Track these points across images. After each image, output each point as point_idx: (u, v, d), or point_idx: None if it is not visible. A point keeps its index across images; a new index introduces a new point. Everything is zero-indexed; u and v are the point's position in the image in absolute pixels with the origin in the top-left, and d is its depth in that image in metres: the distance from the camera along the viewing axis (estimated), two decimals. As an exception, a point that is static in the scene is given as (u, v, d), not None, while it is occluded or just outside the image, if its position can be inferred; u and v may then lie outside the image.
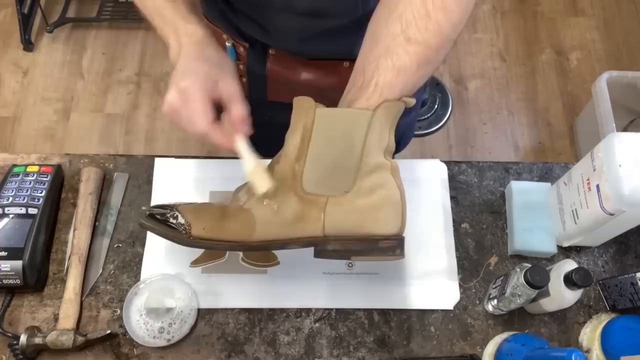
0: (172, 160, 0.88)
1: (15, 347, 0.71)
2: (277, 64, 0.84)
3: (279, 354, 0.75)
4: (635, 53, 2.15)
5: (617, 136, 0.69)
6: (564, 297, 0.69)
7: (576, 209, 0.76)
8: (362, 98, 0.58)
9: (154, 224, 0.67)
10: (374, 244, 0.60)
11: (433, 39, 0.56)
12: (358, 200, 0.59)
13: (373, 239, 0.60)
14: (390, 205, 0.60)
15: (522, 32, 2.20)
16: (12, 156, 0.87)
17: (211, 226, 0.64)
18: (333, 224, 0.60)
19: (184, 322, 0.75)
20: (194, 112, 0.59)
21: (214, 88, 0.61)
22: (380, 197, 0.59)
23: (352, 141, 0.58)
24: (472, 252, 0.83)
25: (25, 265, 0.74)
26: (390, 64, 0.57)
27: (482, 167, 0.89)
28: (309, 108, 0.59)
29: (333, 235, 0.61)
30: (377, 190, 0.59)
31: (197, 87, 0.59)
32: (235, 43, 0.84)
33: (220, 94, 0.61)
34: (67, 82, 2.04)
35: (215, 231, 0.64)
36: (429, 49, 0.57)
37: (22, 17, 2.01)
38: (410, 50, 0.56)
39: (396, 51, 0.56)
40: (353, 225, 0.60)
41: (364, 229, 0.60)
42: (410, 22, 0.56)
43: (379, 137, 0.58)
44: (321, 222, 0.60)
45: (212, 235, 0.64)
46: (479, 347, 0.76)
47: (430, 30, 0.56)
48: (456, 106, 2.04)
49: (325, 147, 0.59)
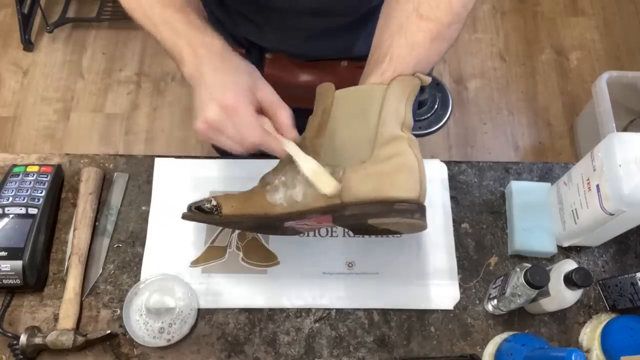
0: (172, 160, 0.88)
1: (15, 347, 0.71)
2: (274, 67, 0.84)
3: (279, 354, 0.75)
4: (635, 53, 2.15)
5: (617, 136, 0.69)
6: (564, 297, 0.69)
7: (576, 209, 0.76)
8: (376, 72, 0.59)
9: (193, 213, 0.70)
10: (389, 206, 0.59)
11: (444, 16, 0.58)
12: (375, 167, 0.59)
13: (389, 201, 0.59)
14: (407, 171, 0.60)
15: (522, 32, 2.20)
16: (12, 156, 0.87)
17: (238, 204, 0.68)
18: (350, 190, 0.60)
19: (184, 322, 0.75)
20: (245, 125, 0.57)
21: (253, 97, 0.60)
22: (396, 163, 0.59)
23: (368, 114, 0.59)
24: (472, 252, 0.83)
25: (25, 265, 0.74)
26: (403, 41, 0.58)
27: (482, 167, 0.89)
28: (328, 90, 0.61)
29: (350, 202, 0.61)
30: (393, 157, 0.59)
31: (244, 102, 0.58)
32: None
33: (260, 102, 0.61)
34: (67, 82, 2.04)
35: (241, 207, 0.67)
36: (441, 25, 0.58)
37: (22, 17, 2.01)
38: (422, 27, 0.58)
39: (409, 28, 0.58)
40: (370, 189, 0.59)
41: (382, 192, 0.59)
42: (422, 0, 0.58)
43: (394, 110, 0.59)
44: (339, 192, 0.61)
45: (239, 211, 0.67)
46: (479, 347, 0.76)
47: (441, 8, 0.58)
48: (456, 106, 2.04)
49: (342, 122, 0.61)
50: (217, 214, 0.68)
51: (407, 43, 0.58)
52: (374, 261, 0.81)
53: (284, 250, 0.81)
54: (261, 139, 0.58)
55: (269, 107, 0.61)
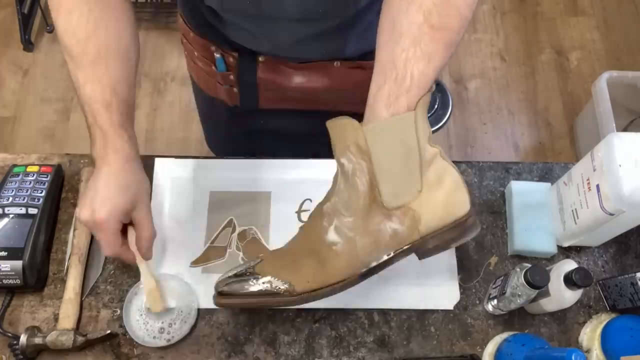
0: (172, 160, 0.88)
1: (15, 347, 0.71)
2: (267, 71, 0.84)
3: (279, 354, 0.75)
4: (635, 53, 2.15)
5: (617, 136, 0.69)
6: (564, 297, 0.69)
7: (576, 209, 0.76)
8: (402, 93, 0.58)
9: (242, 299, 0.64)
10: (463, 226, 0.65)
11: (454, 22, 0.58)
12: (436, 195, 0.62)
13: (461, 221, 0.64)
14: (459, 186, 0.64)
15: (522, 32, 2.20)
16: (12, 156, 0.87)
17: (314, 277, 0.63)
18: (425, 224, 0.63)
19: (184, 322, 0.75)
20: (106, 240, 0.67)
21: (126, 216, 0.68)
22: (450, 183, 0.63)
23: (409, 146, 0.59)
24: (472, 252, 0.83)
25: (25, 265, 0.74)
26: (419, 53, 0.57)
27: (482, 167, 0.89)
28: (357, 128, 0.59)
29: (430, 234, 0.64)
30: (443, 178, 0.63)
31: (111, 223, 0.66)
32: (224, 53, 0.83)
33: (133, 219, 0.69)
34: (67, 82, 2.02)
35: (320, 279, 0.63)
36: (452, 32, 0.58)
37: (22, 17, 2.01)
38: (436, 37, 0.57)
39: (423, 39, 0.57)
40: (442, 217, 0.63)
41: (451, 216, 0.64)
42: (432, 10, 0.57)
43: (423, 130, 0.60)
44: (415, 228, 0.63)
45: (318, 284, 0.63)
46: (479, 347, 0.76)
47: (451, 14, 0.57)
48: (456, 106, 2.04)
49: (388, 161, 0.60)
50: (287, 294, 0.63)
51: (424, 55, 0.57)
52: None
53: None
54: (117, 254, 0.69)
55: (138, 225, 0.70)
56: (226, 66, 0.85)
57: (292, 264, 0.64)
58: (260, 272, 0.64)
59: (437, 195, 0.63)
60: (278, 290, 0.63)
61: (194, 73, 0.96)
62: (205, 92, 0.96)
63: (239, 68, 0.84)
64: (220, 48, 0.83)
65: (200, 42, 0.84)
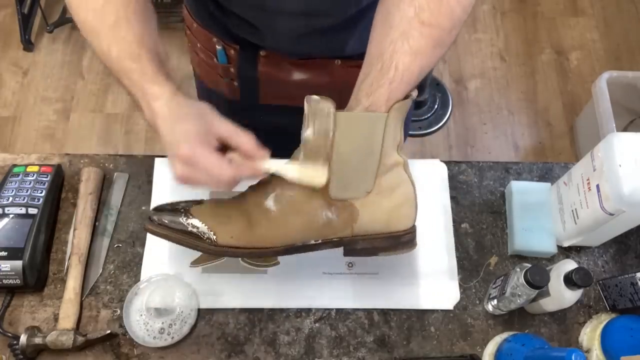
0: (172, 160, 0.87)
1: (15, 347, 0.71)
2: (268, 65, 0.84)
3: (279, 354, 0.75)
4: (635, 53, 2.15)
5: (617, 136, 0.69)
6: (564, 297, 0.69)
7: (576, 209, 0.76)
8: (383, 84, 0.58)
9: (167, 232, 0.66)
10: (397, 240, 0.65)
11: (446, 21, 0.58)
12: (382, 202, 0.63)
13: (397, 234, 0.65)
14: (409, 202, 0.65)
15: (522, 32, 2.20)
16: (12, 156, 0.87)
17: (239, 235, 0.65)
18: (361, 225, 0.64)
19: (184, 323, 0.75)
20: (211, 169, 0.58)
21: (209, 137, 0.60)
22: (400, 196, 0.64)
23: (372, 145, 0.59)
24: (472, 252, 0.83)
25: (25, 265, 0.74)
26: (407, 47, 0.57)
27: (482, 167, 0.89)
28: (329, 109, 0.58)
29: (361, 235, 0.65)
30: (396, 189, 0.63)
31: (198, 149, 0.58)
32: (225, 45, 0.83)
33: (219, 138, 0.61)
34: (67, 82, 2.04)
35: (244, 239, 0.65)
36: (443, 31, 0.58)
37: (22, 17, 2.01)
38: (425, 33, 0.57)
39: (412, 34, 0.57)
40: (380, 226, 0.64)
41: (390, 227, 0.64)
42: (424, 6, 0.57)
43: (392, 136, 0.60)
44: (350, 225, 0.63)
45: (241, 243, 0.65)
46: (479, 347, 0.76)
47: (443, 13, 0.57)
48: (456, 106, 2.04)
49: (348, 153, 0.60)
50: (209, 242, 0.65)
51: (411, 50, 0.57)
52: (374, 261, 0.81)
53: (284, 250, 0.81)
54: (233, 174, 0.58)
55: (229, 139, 0.61)
56: (227, 58, 0.85)
57: (224, 216, 0.66)
58: (194, 213, 0.66)
59: (384, 202, 0.63)
60: (202, 235, 0.65)
61: (196, 65, 0.97)
62: (207, 85, 0.96)
63: (239, 61, 0.84)
64: (222, 40, 0.83)
65: (203, 33, 0.85)
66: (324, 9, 0.72)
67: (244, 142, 0.60)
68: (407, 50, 0.57)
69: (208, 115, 0.61)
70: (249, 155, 0.60)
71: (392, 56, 0.58)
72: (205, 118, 0.61)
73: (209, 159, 0.58)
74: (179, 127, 0.59)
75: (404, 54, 0.57)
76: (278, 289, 0.79)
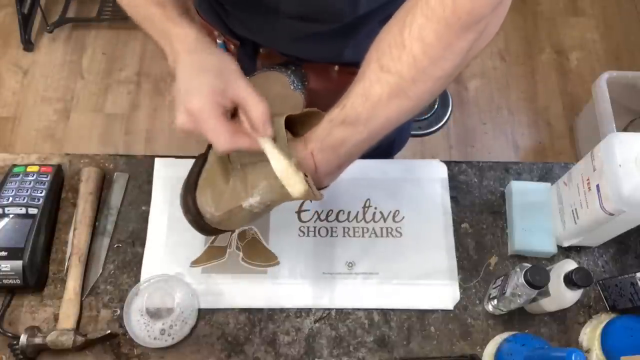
0: (172, 160, 0.87)
1: (15, 347, 0.71)
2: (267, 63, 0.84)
3: (279, 354, 0.75)
4: (635, 53, 2.15)
5: (617, 136, 0.69)
6: (564, 297, 0.69)
7: (576, 209, 0.76)
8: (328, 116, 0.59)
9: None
10: None
11: (407, 70, 0.54)
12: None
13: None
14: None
15: (522, 32, 2.20)
16: (12, 156, 0.87)
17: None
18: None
19: (184, 323, 0.75)
20: (211, 133, 0.57)
21: (223, 98, 0.58)
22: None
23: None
24: (472, 252, 0.83)
25: (25, 265, 0.74)
26: (360, 90, 0.56)
27: (482, 167, 0.89)
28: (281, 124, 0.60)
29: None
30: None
31: (207, 107, 0.56)
32: (226, 40, 0.84)
33: (233, 98, 0.58)
34: (67, 82, 2.04)
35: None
36: (402, 80, 0.55)
37: (22, 17, 2.01)
38: (382, 79, 0.55)
39: (369, 77, 0.56)
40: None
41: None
42: (385, 51, 0.55)
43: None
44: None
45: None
46: (479, 347, 0.76)
47: (403, 61, 0.54)
48: (456, 106, 2.04)
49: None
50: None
51: (363, 93, 0.56)
52: (374, 261, 0.81)
53: (284, 250, 0.81)
54: (229, 144, 0.57)
55: (243, 102, 0.58)
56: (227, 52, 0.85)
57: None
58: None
59: None
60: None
61: None
62: None
63: (239, 57, 0.85)
64: (222, 34, 0.83)
65: (204, 25, 0.85)
66: (319, 14, 0.71)
67: (255, 113, 0.58)
68: (360, 92, 0.56)
69: (228, 72, 0.59)
70: (254, 127, 0.58)
71: (347, 95, 0.57)
72: (225, 74, 0.59)
73: (213, 122, 0.56)
74: (197, 80, 0.57)
75: (356, 96, 0.56)
76: (278, 289, 0.79)
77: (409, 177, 0.87)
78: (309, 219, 0.84)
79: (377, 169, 0.88)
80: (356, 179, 0.86)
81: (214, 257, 0.81)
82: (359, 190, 0.86)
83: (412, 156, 1.93)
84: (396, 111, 0.57)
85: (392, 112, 0.57)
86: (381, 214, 0.84)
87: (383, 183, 0.87)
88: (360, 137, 0.58)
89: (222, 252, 0.81)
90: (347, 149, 0.60)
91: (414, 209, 0.85)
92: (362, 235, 0.83)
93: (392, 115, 0.57)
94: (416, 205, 0.85)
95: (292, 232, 0.83)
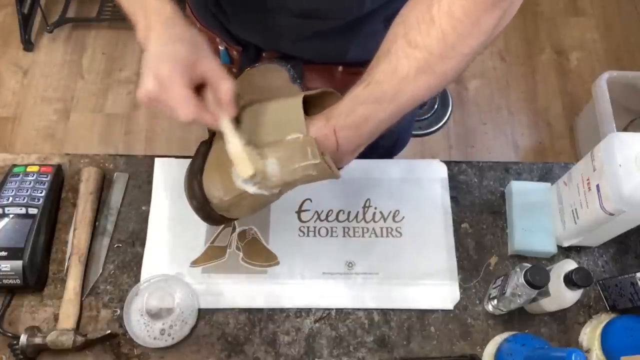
0: (172, 160, 0.87)
1: (15, 347, 0.71)
2: None
3: (279, 354, 0.75)
4: (635, 53, 2.15)
5: (617, 136, 0.69)
6: (564, 297, 0.69)
7: (576, 209, 0.76)
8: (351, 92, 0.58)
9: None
10: None
11: (436, 45, 0.54)
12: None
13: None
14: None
15: (522, 32, 2.20)
16: (12, 156, 0.87)
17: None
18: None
19: (184, 323, 0.75)
20: (176, 101, 0.56)
21: (193, 70, 0.57)
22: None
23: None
24: (472, 252, 0.83)
25: (25, 265, 0.74)
26: (386, 66, 0.56)
27: (482, 167, 0.89)
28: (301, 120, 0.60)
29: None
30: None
31: (177, 73, 0.56)
32: (228, 47, 0.83)
33: (202, 74, 0.58)
34: (67, 82, 2.04)
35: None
36: (431, 55, 0.55)
37: (22, 17, 2.01)
38: (410, 54, 0.55)
39: (396, 53, 0.55)
40: None
41: None
42: (413, 26, 0.55)
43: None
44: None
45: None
46: (479, 347, 0.76)
47: (432, 36, 0.54)
48: (456, 106, 2.04)
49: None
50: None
51: (390, 69, 0.55)
52: (374, 261, 0.81)
53: (284, 250, 0.81)
54: (193, 115, 0.57)
55: (211, 78, 0.59)
56: (230, 59, 0.85)
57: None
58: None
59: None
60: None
61: None
62: None
63: (242, 62, 0.84)
64: (224, 41, 0.83)
65: (206, 33, 0.85)
66: (323, 12, 0.71)
67: (222, 89, 0.59)
68: (387, 68, 0.55)
69: (200, 47, 0.59)
70: (219, 103, 0.59)
71: (371, 71, 0.56)
72: (198, 48, 0.59)
73: (178, 91, 0.56)
74: (171, 47, 0.57)
75: (381, 72, 0.56)
76: (278, 289, 0.79)
77: (409, 177, 0.87)
78: (309, 218, 0.84)
79: (377, 168, 0.88)
80: (356, 179, 0.86)
81: (214, 257, 0.81)
82: (359, 190, 0.86)
83: (412, 156, 1.93)
84: (423, 87, 0.57)
85: (418, 89, 0.57)
86: (381, 214, 0.84)
87: (383, 183, 0.87)
88: (384, 115, 0.58)
89: (222, 252, 0.81)
90: (370, 128, 0.59)
91: (414, 209, 0.85)
92: (362, 235, 0.83)
93: (418, 92, 0.57)
94: (416, 205, 0.85)
95: (292, 232, 0.83)
